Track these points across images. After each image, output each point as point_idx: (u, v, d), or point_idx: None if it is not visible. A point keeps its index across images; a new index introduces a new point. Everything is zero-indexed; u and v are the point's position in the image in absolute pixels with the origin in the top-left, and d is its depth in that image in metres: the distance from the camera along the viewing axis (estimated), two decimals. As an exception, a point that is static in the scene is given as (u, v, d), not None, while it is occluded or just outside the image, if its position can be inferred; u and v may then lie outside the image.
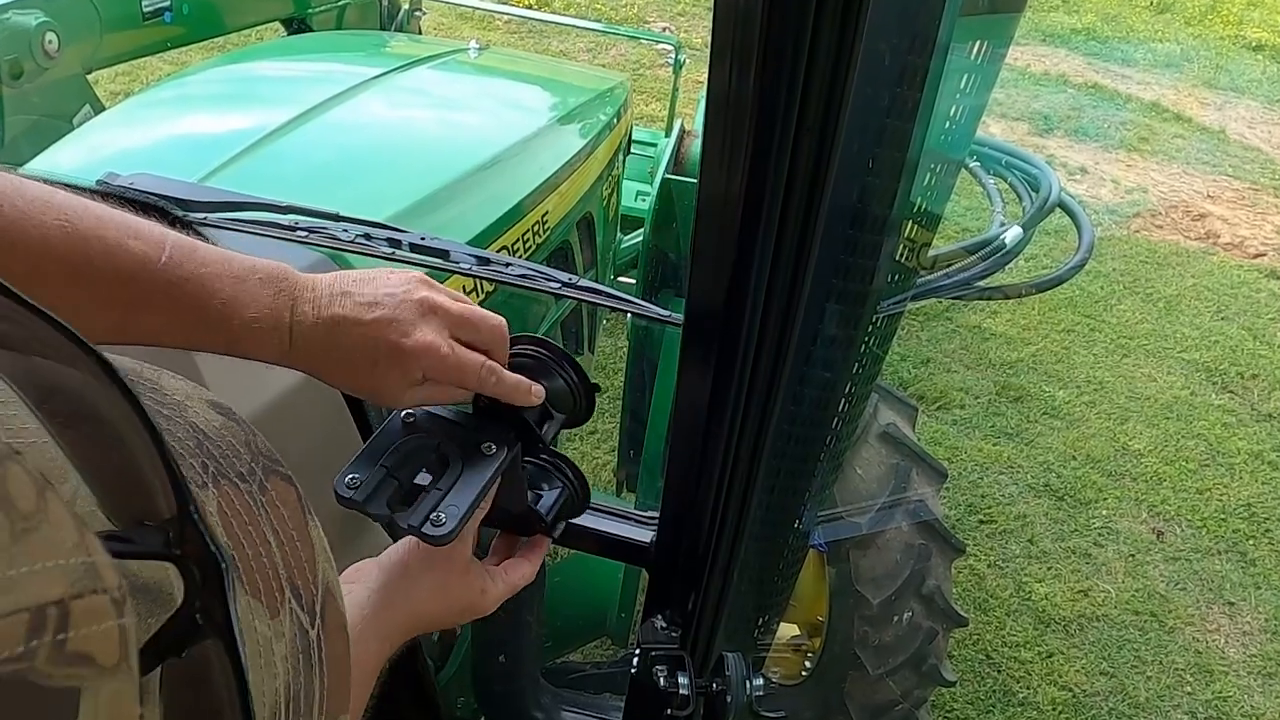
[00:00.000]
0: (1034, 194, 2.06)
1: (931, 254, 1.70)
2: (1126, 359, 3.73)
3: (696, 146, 2.26)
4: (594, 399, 0.71)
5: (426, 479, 0.61)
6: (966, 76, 0.66)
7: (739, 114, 0.50)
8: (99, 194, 0.89)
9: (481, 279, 1.09)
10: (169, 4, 2.02)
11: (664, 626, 0.83)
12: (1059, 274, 1.97)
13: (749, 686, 0.79)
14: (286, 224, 0.94)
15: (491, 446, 0.63)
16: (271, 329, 0.59)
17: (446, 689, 1.26)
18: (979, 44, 0.66)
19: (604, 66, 5.33)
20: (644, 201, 2.34)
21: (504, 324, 0.66)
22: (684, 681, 0.77)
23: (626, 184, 2.39)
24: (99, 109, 1.90)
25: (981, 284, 1.77)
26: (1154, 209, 4.95)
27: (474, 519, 0.61)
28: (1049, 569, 2.73)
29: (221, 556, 0.23)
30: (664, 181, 2.06)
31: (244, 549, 0.27)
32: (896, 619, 1.69)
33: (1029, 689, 2.38)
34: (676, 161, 2.23)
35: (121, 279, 0.55)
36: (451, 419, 0.66)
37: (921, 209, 0.73)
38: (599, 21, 5.65)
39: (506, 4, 3.76)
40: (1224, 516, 3.00)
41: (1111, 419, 3.38)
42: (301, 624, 0.28)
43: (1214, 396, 3.58)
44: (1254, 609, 2.70)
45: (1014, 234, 1.79)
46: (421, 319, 0.62)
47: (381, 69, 1.63)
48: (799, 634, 1.90)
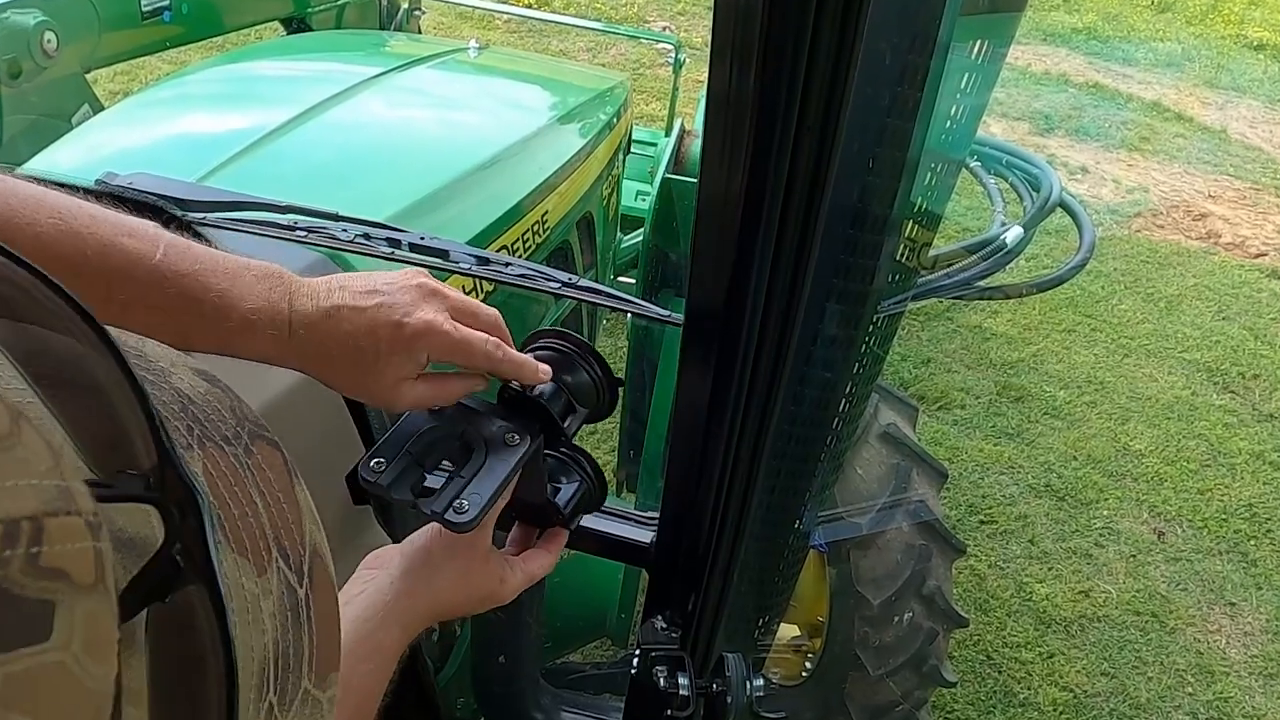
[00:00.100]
0: (1035, 194, 2.06)
1: (932, 254, 1.70)
2: (1127, 359, 3.73)
3: (697, 146, 2.26)
4: (617, 393, 0.72)
5: (449, 466, 0.62)
6: (967, 76, 0.66)
7: (739, 113, 0.50)
8: (97, 194, 0.89)
9: (481, 279, 1.09)
10: (168, 3, 2.02)
11: (664, 627, 0.82)
12: (1060, 274, 1.97)
13: (749, 687, 0.79)
14: (285, 224, 0.94)
15: (515, 436, 0.63)
16: (269, 321, 0.59)
17: (446, 690, 1.26)
18: (980, 43, 0.66)
19: (604, 66, 5.33)
20: (644, 201, 2.34)
21: (499, 314, 0.66)
22: (684, 682, 0.77)
23: (626, 183, 2.39)
24: (98, 108, 1.90)
25: (982, 284, 1.77)
26: (1155, 209, 4.95)
27: (496, 508, 0.62)
28: (1050, 569, 2.72)
29: (199, 495, 0.23)
30: (664, 181, 2.06)
31: (230, 509, 0.27)
32: (897, 619, 1.69)
33: (1030, 690, 2.38)
34: (677, 161, 2.23)
35: (116, 276, 0.55)
36: (476, 408, 0.66)
37: (922, 209, 0.73)
38: (599, 21, 5.65)
39: (506, 3, 3.76)
40: (1225, 517, 3.00)
41: (1112, 419, 3.38)
42: (289, 582, 0.28)
43: (1215, 397, 3.57)
44: (1255, 609, 2.69)
45: (1015, 234, 1.79)
46: (422, 300, 0.62)
47: (381, 69, 1.62)
48: (799, 634, 1.90)
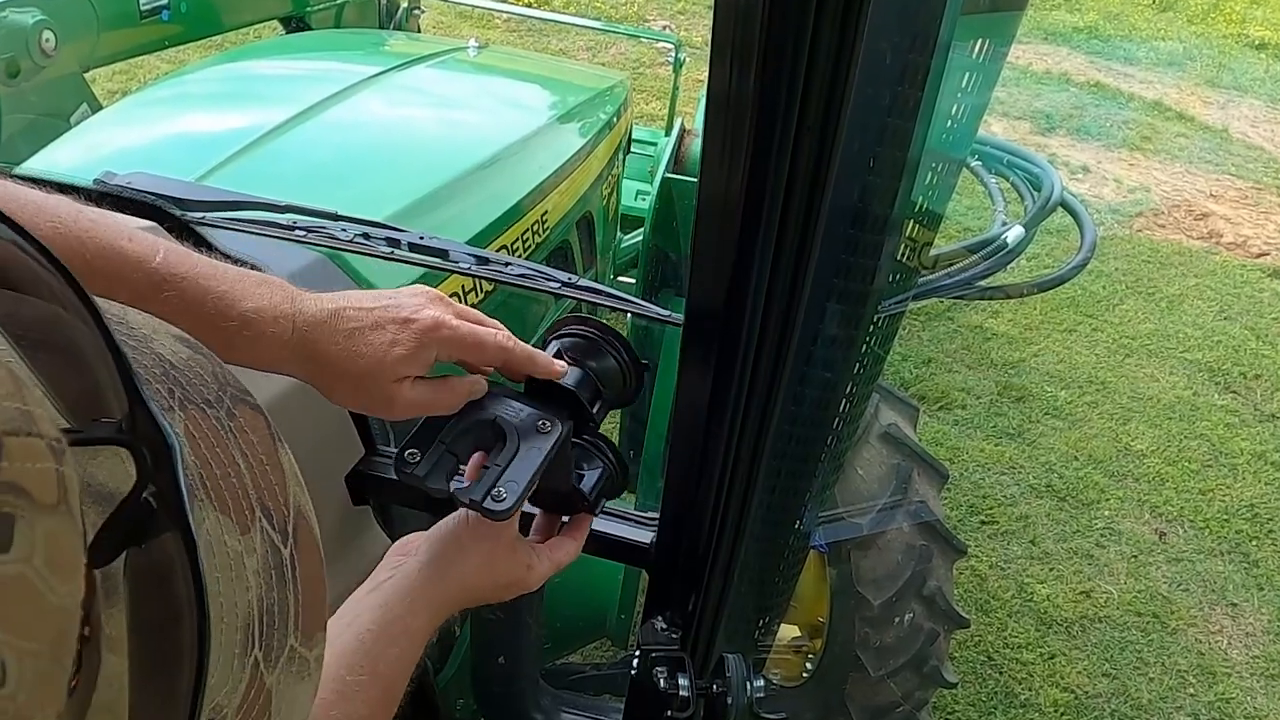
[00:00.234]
0: (1036, 193, 2.06)
1: (933, 253, 1.69)
2: (1129, 359, 3.72)
3: (697, 145, 2.25)
4: (643, 378, 0.72)
5: (483, 455, 0.63)
6: (968, 75, 0.65)
7: (739, 113, 0.50)
8: (96, 194, 0.89)
9: (480, 279, 1.09)
10: (166, 2, 2.01)
11: (664, 628, 0.82)
12: (1061, 273, 1.97)
13: (749, 688, 0.79)
14: (285, 223, 0.94)
15: (547, 424, 0.64)
16: (271, 320, 0.59)
17: (446, 690, 1.26)
18: (980, 42, 0.65)
19: (604, 65, 5.33)
20: (644, 201, 2.33)
21: (502, 324, 0.67)
22: (684, 683, 0.77)
23: (626, 183, 2.39)
24: (96, 108, 1.90)
25: (983, 283, 1.77)
26: (1156, 208, 4.94)
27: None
28: (1051, 570, 2.72)
29: (170, 438, 0.24)
30: (664, 181, 2.05)
31: (212, 469, 0.27)
32: (898, 620, 1.68)
33: (1031, 690, 2.38)
34: (677, 160, 2.23)
35: (117, 279, 0.55)
36: (507, 396, 0.67)
37: (923, 208, 0.73)
38: (599, 20, 5.65)
39: (505, 2, 3.75)
40: (1227, 517, 3.00)
41: (1114, 419, 3.37)
42: (273, 542, 0.29)
43: (1217, 397, 3.57)
44: (1257, 610, 2.69)
45: (1016, 233, 1.79)
46: (428, 303, 0.63)
47: (380, 68, 1.62)
48: (800, 635, 1.90)
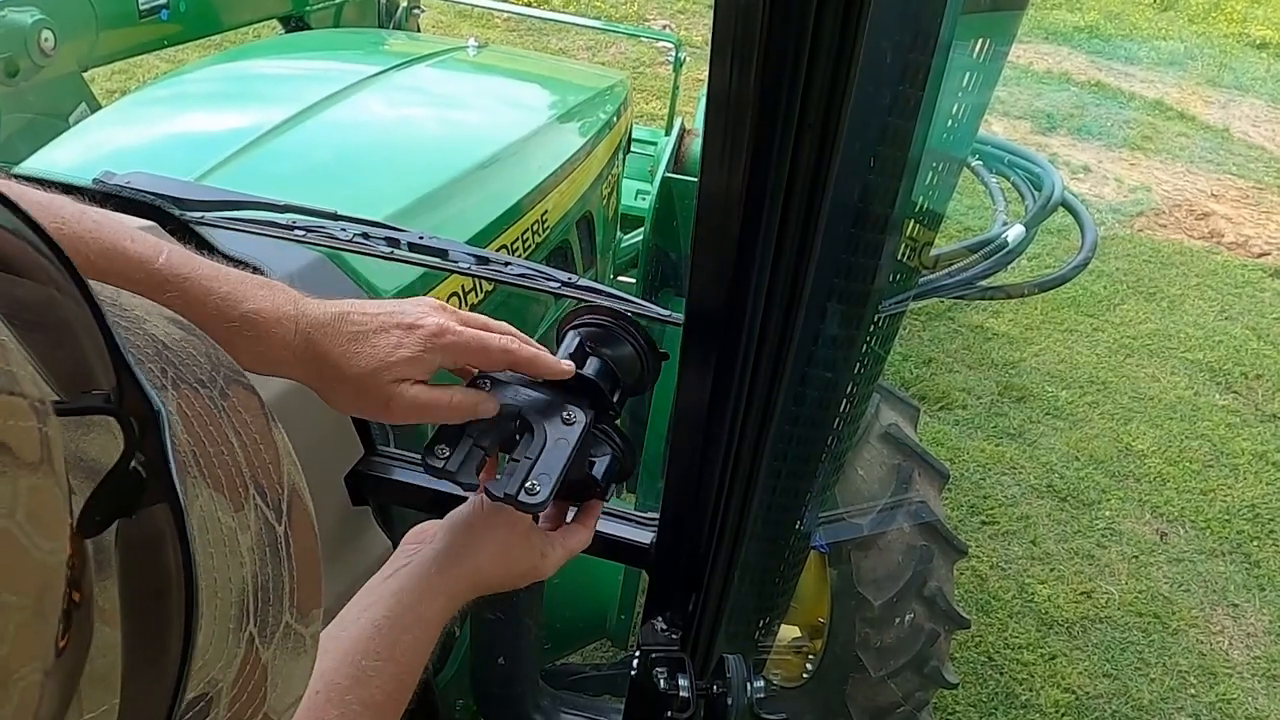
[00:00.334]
0: (1036, 193, 2.05)
1: (933, 253, 1.69)
2: (1129, 359, 3.72)
3: (697, 145, 2.25)
4: (659, 365, 0.73)
5: (510, 448, 0.64)
6: (969, 74, 0.65)
7: (740, 112, 0.50)
8: (95, 193, 0.88)
9: (480, 278, 1.09)
10: (165, 1, 2.01)
11: (664, 628, 0.82)
12: (1062, 273, 1.96)
13: (750, 689, 0.78)
14: (284, 223, 0.94)
15: (571, 414, 0.65)
16: (273, 320, 0.59)
17: (445, 691, 1.25)
18: (981, 41, 0.65)
19: (604, 64, 5.32)
20: (644, 200, 2.33)
21: (510, 326, 0.68)
22: (684, 684, 0.77)
23: (626, 183, 2.39)
24: (95, 107, 1.90)
25: (984, 283, 1.77)
26: (1157, 208, 4.94)
27: None
28: (1052, 570, 2.72)
29: (157, 409, 0.24)
30: (664, 180, 2.05)
31: (205, 446, 0.27)
32: (898, 621, 1.68)
33: (1031, 691, 2.37)
34: (677, 160, 2.23)
35: (120, 278, 0.56)
36: (528, 386, 0.67)
37: (923, 208, 0.72)
38: (598, 19, 5.65)
39: (505, 1, 3.75)
40: (1228, 518, 2.99)
41: (1115, 419, 3.37)
42: (268, 519, 0.29)
43: (1218, 397, 3.57)
44: (1258, 611, 2.69)
45: (1016, 233, 1.78)
46: (433, 310, 0.64)
47: (379, 67, 1.62)
48: (800, 636, 1.90)
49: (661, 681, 0.78)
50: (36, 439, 0.21)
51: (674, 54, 2.89)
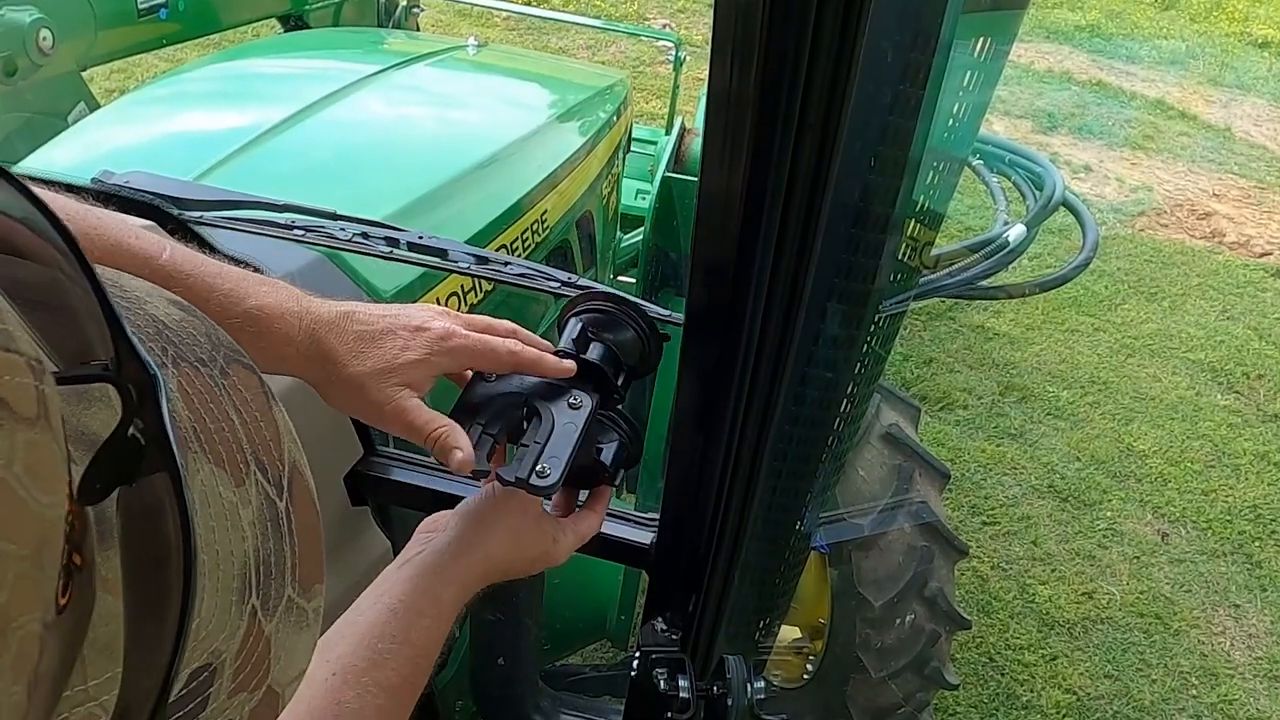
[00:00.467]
0: (1038, 192, 2.05)
1: (934, 253, 1.69)
2: (1131, 359, 3.72)
3: (697, 144, 2.25)
4: (661, 347, 0.74)
5: (518, 433, 0.65)
6: (969, 73, 0.65)
7: (740, 111, 0.50)
8: (93, 193, 0.88)
9: (480, 278, 1.08)
10: (164, 0, 2.01)
11: (664, 629, 0.82)
12: (1063, 273, 1.96)
13: (750, 689, 0.78)
14: (283, 223, 0.94)
15: (577, 398, 0.66)
16: (277, 317, 0.60)
17: (445, 692, 1.25)
18: (982, 40, 0.65)
19: (604, 64, 5.32)
20: (644, 200, 2.33)
21: (513, 324, 0.69)
22: (684, 684, 0.77)
23: (626, 182, 2.38)
24: (93, 106, 1.89)
25: (985, 283, 1.76)
26: (1159, 207, 4.93)
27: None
28: (1053, 571, 2.71)
29: (155, 375, 0.24)
30: (664, 180, 2.05)
31: (205, 423, 0.28)
32: (899, 621, 1.68)
33: (1032, 692, 2.37)
34: (677, 159, 2.22)
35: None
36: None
37: (924, 207, 0.72)
38: (598, 18, 5.64)
39: (505, 0, 3.75)
40: (1230, 518, 2.99)
41: (1116, 420, 3.36)
42: (269, 495, 0.29)
43: (1219, 397, 3.56)
44: (1260, 611, 2.68)
45: (1017, 233, 1.78)
46: (438, 315, 0.65)
47: (379, 66, 1.62)
48: (800, 636, 1.89)
49: (661, 682, 0.77)
50: (33, 395, 0.21)
51: (674, 53, 2.89)
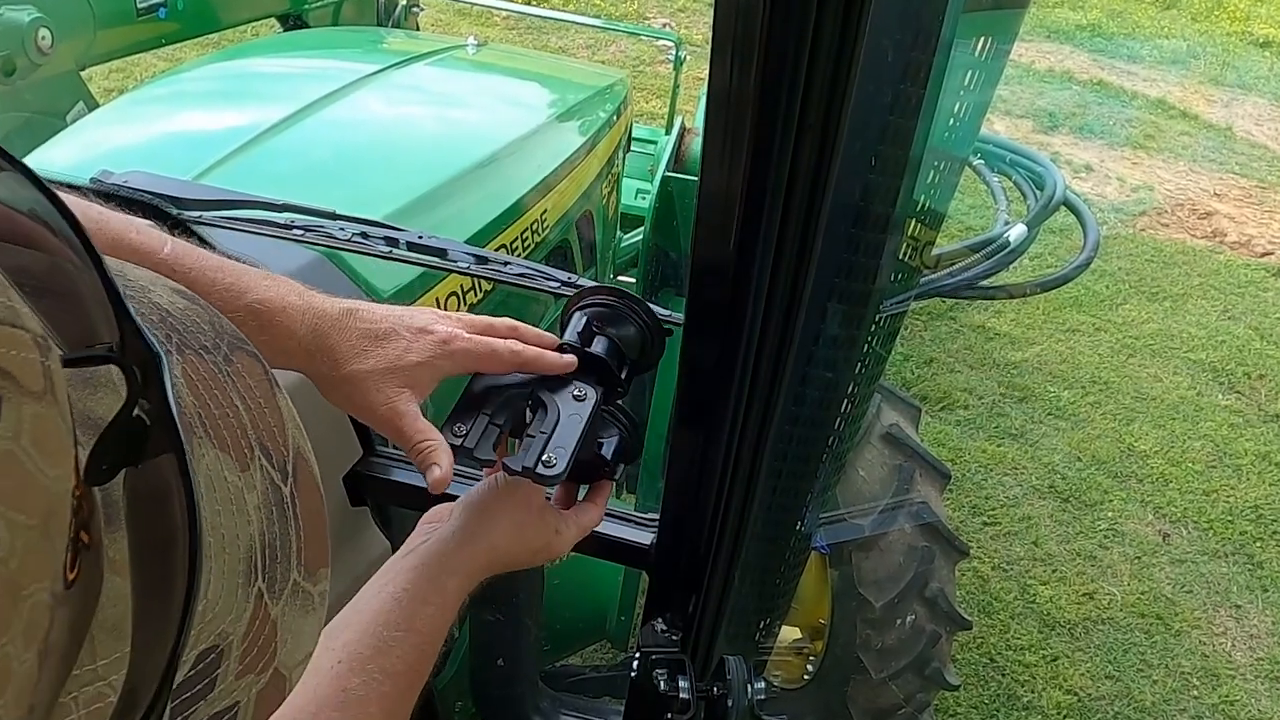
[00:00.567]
0: (1039, 192, 2.05)
1: (935, 252, 1.69)
2: (1132, 359, 3.71)
3: (697, 144, 2.25)
4: (664, 343, 0.74)
5: (524, 424, 0.66)
6: (970, 73, 0.65)
7: (740, 111, 0.49)
8: (92, 193, 0.88)
9: (479, 278, 1.08)
10: (163, 0, 2.01)
11: (664, 629, 0.82)
12: (1064, 273, 1.96)
13: (750, 690, 0.78)
14: (282, 222, 0.94)
15: (582, 390, 0.67)
16: (280, 310, 0.60)
17: (444, 693, 1.25)
18: (983, 40, 0.65)
19: (603, 63, 5.32)
20: (644, 199, 2.32)
21: (512, 320, 0.69)
22: (684, 685, 0.77)
23: (626, 182, 2.38)
24: (92, 106, 1.89)
25: (985, 283, 1.76)
26: (1160, 207, 4.93)
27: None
28: (1054, 571, 2.71)
29: (153, 346, 0.24)
30: (664, 179, 2.05)
31: (210, 409, 0.28)
32: (899, 622, 1.67)
33: (1033, 693, 2.37)
34: (677, 159, 2.22)
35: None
36: None
37: (925, 207, 0.72)
38: (598, 17, 5.64)
39: (504, 0, 3.74)
40: (1231, 519, 2.98)
41: (1117, 420, 3.36)
42: (273, 480, 0.30)
43: (1220, 397, 3.56)
44: (1261, 612, 2.68)
45: (1018, 232, 1.78)
46: (440, 318, 0.65)
47: (378, 66, 1.61)
48: (801, 637, 1.89)
49: (661, 683, 0.77)
50: (39, 370, 0.21)
51: (674, 52, 2.89)
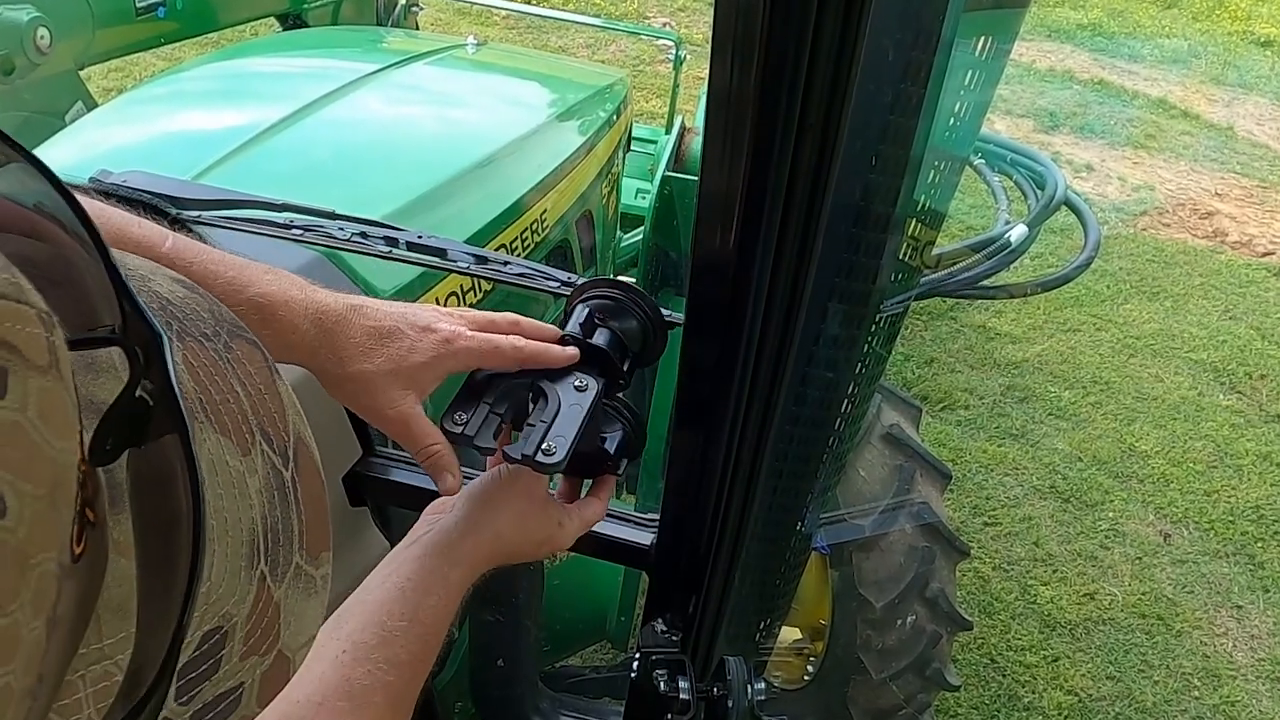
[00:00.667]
0: (1039, 192, 2.05)
1: (936, 252, 1.68)
2: (1133, 359, 3.71)
3: (697, 143, 2.25)
4: (666, 337, 0.74)
5: (525, 413, 0.66)
6: (971, 72, 0.65)
7: (740, 110, 0.49)
8: (91, 192, 0.88)
9: (479, 278, 1.08)
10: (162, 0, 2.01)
11: (664, 630, 0.82)
12: (1065, 273, 1.96)
13: (750, 691, 0.78)
14: (282, 222, 0.93)
15: (583, 381, 0.67)
16: (282, 304, 0.60)
17: (444, 693, 1.25)
18: (983, 39, 0.64)
19: (603, 62, 5.32)
20: (644, 199, 2.32)
21: (514, 315, 0.69)
22: (684, 686, 0.76)
23: (626, 181, 2.38)
24: (91, 106, 1.89)
25: (986, 283, 1.76)
26: (1161, 207, 4.93)
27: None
28: (1054, 572, 2.71)
29: (154, 325, 0.24)
30: (664, 179, 2.05)
31: (211, 395, 0.28)
32: (900, 622, 1.67)
33: (1034, 693, 2.37)
34: (677, 159, 2.22)
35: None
36: None
37: (925, 207, 0.72)
38: (598, 17, 5.64)
39: (505, -1, 3.74)
40: (1232, 519, 2.98)
41: (1118, 420, 3.36)
42: (274, 464, 0.30)
43: (1222, 397, 3.56)
44: (1262, 613, 2.68)
45: (1019, 232, 1.78)
46: (442, 316, 0.65)
47: (378, 65, 1.61)
48: (801, 638, 1.89)
49: (662, 684, 0.77)
50: (44, 345, 0.21)
51: (674, 52, 2.89)
